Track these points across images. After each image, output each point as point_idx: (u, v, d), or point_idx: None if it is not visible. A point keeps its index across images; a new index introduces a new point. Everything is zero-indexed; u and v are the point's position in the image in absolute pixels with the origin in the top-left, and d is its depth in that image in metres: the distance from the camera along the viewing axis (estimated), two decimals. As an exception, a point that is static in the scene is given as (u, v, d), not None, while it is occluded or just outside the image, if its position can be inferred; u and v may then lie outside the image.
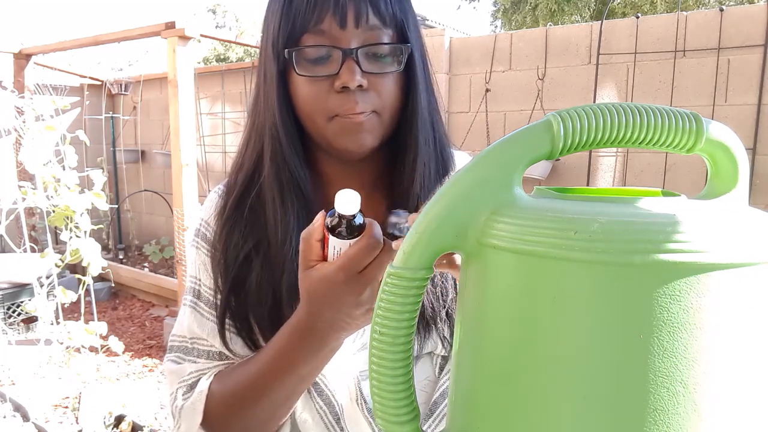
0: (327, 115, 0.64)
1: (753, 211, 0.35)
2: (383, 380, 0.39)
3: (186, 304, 0.75)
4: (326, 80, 0.64)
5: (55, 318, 2.51)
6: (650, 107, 0.36)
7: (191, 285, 0.75)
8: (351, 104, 0.63)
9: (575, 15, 11.25)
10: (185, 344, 0.74)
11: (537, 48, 3.48)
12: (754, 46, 2.87)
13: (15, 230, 3.05)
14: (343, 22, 0.62)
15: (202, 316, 0.72)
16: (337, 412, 0.70)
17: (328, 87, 0.64)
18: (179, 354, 0.74)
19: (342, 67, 0.62)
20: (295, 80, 0.65)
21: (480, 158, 0.37)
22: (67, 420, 2.65)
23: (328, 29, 0.62)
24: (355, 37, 0.63)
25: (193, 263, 0.75)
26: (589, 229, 0.31)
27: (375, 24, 0.63)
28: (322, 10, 0.62)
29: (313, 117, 0.66)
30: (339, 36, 0.62)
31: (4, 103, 2.48)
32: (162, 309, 4.53)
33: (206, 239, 0.74)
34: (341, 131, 0.65)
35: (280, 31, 0.64)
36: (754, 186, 2.92)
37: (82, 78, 5.49)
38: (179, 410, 0.70)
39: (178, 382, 0.72)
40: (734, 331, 0.32)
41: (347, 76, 0.62)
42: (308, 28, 0.62)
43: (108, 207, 2.49)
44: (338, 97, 0.63)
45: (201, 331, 0.72)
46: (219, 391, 0.68)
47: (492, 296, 0.36)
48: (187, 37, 3.55)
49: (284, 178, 0.68)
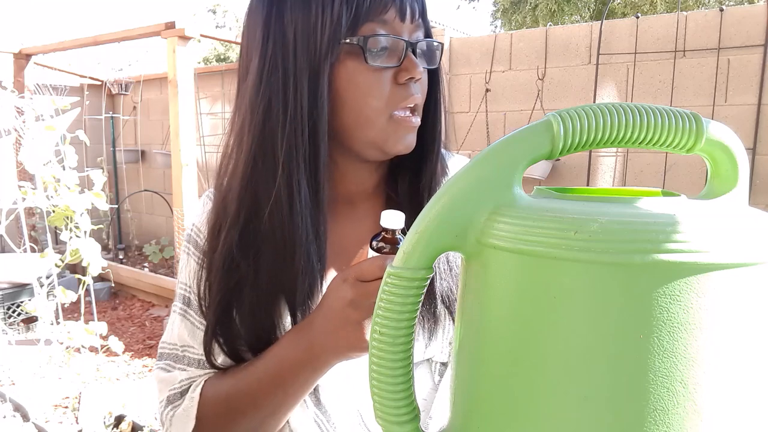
0: (388, 109, 0.63)
1: (753, 211, 0.35)
2: (383, 380, 0.39)
3: (176, 311, 0.73)
4: (388, 71, 0.63)
5: (55, 318, 2.50)
6: (650, 107, 0.36)
7: (181, 292, 0.72)
8: (412, 96, 0.63)
9: (575, 15, 11.25)
10: (175, 352, 0.72)
11: (537, 48, 3.48)
12: (754, 46, 2.87)
13: (15, 230, 3.05)
14: (403, 15, 0.62)
15: (192, 324, 0.70)
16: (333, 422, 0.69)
17: (390, 79, 0.63)
18: (169, 362, 0.73)
19: (405, 59, 0.62)
20: (353, 72, 0.62)
21: (480, 158, 0.37)
22: (67, 420, 2.65)
23: (390, 20, 0.61)
24: (410, 31, 0.63)
25: (183, 269, 0.73)
26: (589, 229, 0.31)
27: (420, 21, 0.64)
28: (388, 1, 0.61)
29: (370, 112, 0.63)
30: (399, 28, 0.62)
31: (4, 103, 2.48)
32: (162, 309, 4.53)
33: (197, 246, 0.71)
34: (397, 131, 0.64)
35: (342, 18, 0.60)
36: (754, 186, 2.92)
37: (82, 78, 5.49)
38: (170, 418, 0.69)
39: (168, 390, 0.71)
40: (734, 330, 0.32)
41: (413, 67, 0.62)
42: (372, 17, 0.61)
43: (108, 207, 2.49)
44: (400, 89, 0.63)
45: (191, 339, 0.70)
46: (211, 398, 0.66)
47: (492, 296, 0.36)
48: (187, 37, 3.55)
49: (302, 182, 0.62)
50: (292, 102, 0.61)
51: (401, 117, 0.63)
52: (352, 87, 0.62)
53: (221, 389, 0.66)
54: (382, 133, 0.64)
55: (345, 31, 0.60)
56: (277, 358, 0.62)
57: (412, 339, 0.39)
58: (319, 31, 0.60)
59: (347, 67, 0.62)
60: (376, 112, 0.63)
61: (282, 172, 0.62)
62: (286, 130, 0.62)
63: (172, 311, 0.74)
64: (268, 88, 0.62)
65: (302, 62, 0.61)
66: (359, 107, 0.63)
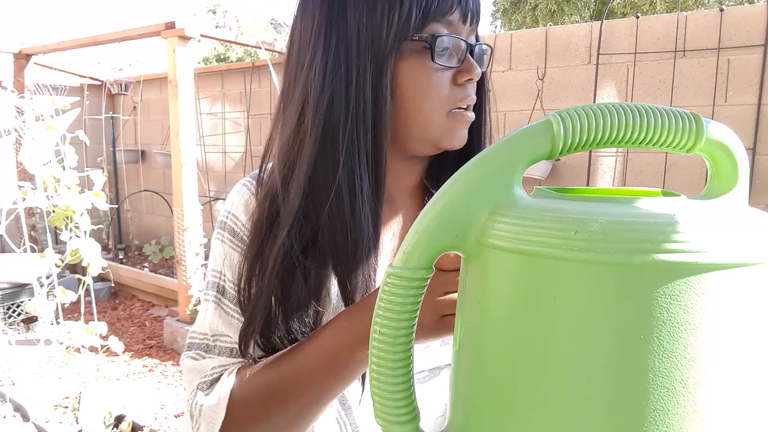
0: (447, 107, 0.65)
1: (753, 211, 0.35)
2: (383, 380, 0.39)
3: (209, 300, 0.70)
4: (450, 71, 0.65)
5: (55, 318, 2.50)
6: (650, 107, 0.36)
7: (213, 280, 0.70)
8: (470, 97, 0.66)
9: (575, 15, 11.25)
10: (206, 341, 0.70)
11: (537, 48, 3.48)
12: (754, 46, 2.87)
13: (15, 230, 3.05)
14: (465, 16, 0.64)
15: (226, 313, 0.69)
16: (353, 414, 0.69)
17: (450, 78, 0.65)
18: (199, 351, 0.70)
19: (465, 61, 0.64)
20: (417, 70, 0.63)
21: (480, 158, 0.37)
22: (67, 420, 2.65)
23: (455, 22, 0.63)
24: (468, 34, 0.65)
25: (216, 257, 0.71)
26: (589, 229, 0.31)
27: (476, 25, 0.67)
28: (454, 2, 0.62)
29: (430, 109, 0.64)
30: (461, 30, 0.64)
31: (4, 103, 2.48)
32: (162, 309, 4.53)
33: (234, 233, 0.70)
34: (455, 127, 0.66)
35: (411, 16, 0.61)
36: (754, 186, 2.92)
37: (82, 78, 5.49)
38: (199, 408, 0.65)
39: (199, 378, 0.68)
40: (734, 330, 0.32)
41: (473, 69, 0.64)
42: (439, 17, 0.62)
43: (108, 207, 2.49)
44: (459, 89, 0.65)
45: (225, 328, 0.68)
46: (248, 385, 0.63)
47: (492, 296, 0.36)
48: (187, 37, 3.55)
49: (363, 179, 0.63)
50: (354, 98, 0.62)
51: (458, 113, 0.66)
52: (414, 84, 0.64)
53: (260, 375, 0.64)
54: (439, 129, 0.66)
55: (413, 28, 0.62)
56: (332, 341, 0.60)
57: (412, 339, 0.39)
58: (386, 28, 0.61)
59: (411, 64, 0.63)
60: (435, 109, 0.65)
61: (343, 168, 0.62)
62: (348, 126, 0.62)
63: (204, 299, 0.71)
64: (331, 84, 0.62)
65: (366, 58, 0.62)
66: (420, 104, 0.64)
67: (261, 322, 0.64)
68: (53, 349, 2.60)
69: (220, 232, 0.71)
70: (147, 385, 3.10)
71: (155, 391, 3.02)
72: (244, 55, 13.66)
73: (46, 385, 2.85)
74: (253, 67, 4.87)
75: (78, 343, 2.45)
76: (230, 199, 0.73)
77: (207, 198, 5.05)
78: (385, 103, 0.62)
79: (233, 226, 0.70)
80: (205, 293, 0.72)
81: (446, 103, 0.65)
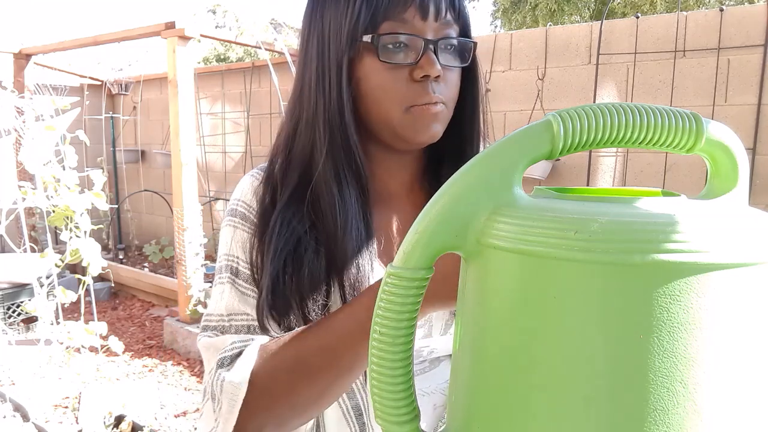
0: (404, 104, 0.65)
1: (753, 211, 0.35)
2: (383, 380, 0.39)
3: (223, 282, 0.70)
4: (404, 69, 0.65)
5: (55, 318, 2.51)
6: (650, 107, 0.36)
7: (227, 263, 0.71)
8: (428, 94, 0.65)
9: (575, 15, 11.25)
10: (222, 323, 0.69)
11: (537, 48, 3.48)
12: (754, 46, 2.87)
13: (15, 230, 3.05)
14: (425, 13, 0.64)
15: (242, 292, 0.69)
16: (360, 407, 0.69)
17: (406, 76, 0.65)
18: (215, 332, 0.69)
19: (422, 57, 0.64)
20: (371, 68, 0.65)
21: (480, 158, 0.37)
22: (67, 420, 2.65)
23: (410, 19, 0.64)
24: (434, 30, 0.65)
25: (228, 243, 0.72)
26: (589, 229, 0.31)
27: (449, 19, 0.66)
28: (407, 0, 0.63)
29: (388, 106, 0.66)
30: (419, 27, 0.65)
31: (4, 103, 2.48)
32: (162, 309, 4.53)
33: (244, 216, 0.71)
34: (416, 121, 0.66)
35: (360, 16, 0.64)
36: (754, 186, 2.92)
37: (82, 78, 5.49)
38: (221, 384, 0.62)
39: (218, 354, 0.65)
40: (734, 331, 0.32)
41: (429, 66, 0.64)
42: (391, 16, 0.64)
43: (108, 207, 2.49)
44: (416, 86, 0.65)
45: (243, 305, 0.68)
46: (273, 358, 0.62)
47: (492, 296, 0.36)
48: (187, 37, 3.55)
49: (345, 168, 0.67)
50: (322, 93, 0.67)
51: (419, 108, 0.66)
52: (368, 82, 0.66)
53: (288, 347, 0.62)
54: (400, 125, 0.66)
55: (363, 28, 0.64)
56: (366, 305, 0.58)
57: (413, 339, 0.39)
58: (343, 28, 0.65)
59: (364, 63, 0.66)
60: (391, 106, 0.66)
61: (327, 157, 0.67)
62: (321, 119, 0.67)
63: (218, 282, 0.71)
64: (309, 79, 0.69)
65: (332, 56, 0.66)
66: (376, 101, 0.66)
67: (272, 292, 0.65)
68: (53, 349, 2.60)
69: (231, 218, 0.73)
70: (147, 385, 3.10)
71: (155, 391, 3.02)
72: (244, 55, 13.66)
73: (46, 385, 2.85)
74: (253, 67, 4.87)
75: (78, 343, 2.45)
76: (239, 188, 0.75)
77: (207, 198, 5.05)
78: (346, 100, 0.66)
79: (244, 211, 0.72)
80: (219, 277, 0.72)
81: (403, 100, 0.65)
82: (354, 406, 0.70)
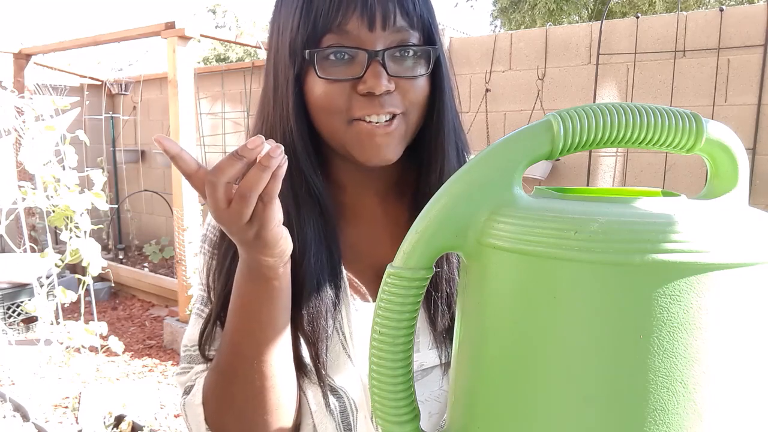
0: (347, 118, 0.62)
1: (753, 211, 0.35)
2: (383, 380, 0.39)
3: (194, 312, 0.73)
4: (349, 83, 0.61)
5: (55, 318, 2.50)
6: (650, 107, 0.36)
7: (199, 293, 0.72)
8: (375, 107, 0.61)
9: (574, 15, 11.25)
10: (189, 353, 0.72)
11: (537, 48, 3.48)
12: (754, 46, 2.87)
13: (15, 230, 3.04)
14: (371, 23, 0.59)
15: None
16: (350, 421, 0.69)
17: (350, 90, 0.61)
18: (184, 364, 0.72)
19: (367, 71, 0.60)
20: (314, 83, 0.62)
21: (480, 158, 0.37)
22: (67, 420, 2.65)
23: (353, 30, 0.59)
24: (382, 39, 0.60)
25: (201, 270, 0.72)
26: (589, 229, 0.31)
27: (402, 25, 0.61)
28: (348, 10, 0.59)
29: (331, 121, 0.63)
30: (365, 37, 0.60)
31: (4, 103, 2.48)
32: (162, 309, 4.52)
33: (213, 244, 0.71)
34: (363, 140, 0.62)
35: (299, 30, 0.60)
36: (754, 186, 2.92)
37: (82, 78, 5.49)
38: (183, 408, 0.68)
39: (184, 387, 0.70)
40: (734, 331, 0.32)
41: (373, 80, 0.59)
42: (331, 28, 0.59)
43: (108, 207, 2.49)
44: (362, 100, 0.61)
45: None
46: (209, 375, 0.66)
47: (492, 296, 0.36)
48: (187, 37, 3.55)
49: (298, 186, 0.65)
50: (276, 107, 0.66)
51: (365, 125, 0.62)
52: (311, 96, 0.63)
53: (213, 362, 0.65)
54: (343, 139, 0.63)
55: (303, 43, 0.61)
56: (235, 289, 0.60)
57: (412, 339, 0.39)
58: (288, 42, 0.63)
59: (310, 78, 0.62)
60: (331, 120, 0.63)
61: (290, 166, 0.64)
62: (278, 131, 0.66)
63: (193, 312, 0.73)
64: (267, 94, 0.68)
65: (281, 71, 0.65)
66: (323, 117, 0.63)
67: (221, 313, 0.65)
68: (53, 349, 2.60)
69: (202, 245, 0.73)
70: (147, 385, 3.10)
71: (155, 391, 3.02)
72: (244, 55, 13.66)
73: (46, 385, 2.85)
74: (252, 67, 4.87)
75: (78, 343, 2.45)
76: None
77: (207, 198, 5.03)
78: (295, 115, 0.64)
79: (213, 238, 0.72)
80: (193, 306, 0.74)
81: (344, 114, 0.62)
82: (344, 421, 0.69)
